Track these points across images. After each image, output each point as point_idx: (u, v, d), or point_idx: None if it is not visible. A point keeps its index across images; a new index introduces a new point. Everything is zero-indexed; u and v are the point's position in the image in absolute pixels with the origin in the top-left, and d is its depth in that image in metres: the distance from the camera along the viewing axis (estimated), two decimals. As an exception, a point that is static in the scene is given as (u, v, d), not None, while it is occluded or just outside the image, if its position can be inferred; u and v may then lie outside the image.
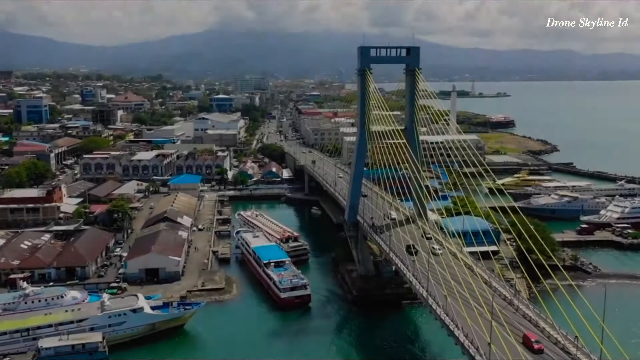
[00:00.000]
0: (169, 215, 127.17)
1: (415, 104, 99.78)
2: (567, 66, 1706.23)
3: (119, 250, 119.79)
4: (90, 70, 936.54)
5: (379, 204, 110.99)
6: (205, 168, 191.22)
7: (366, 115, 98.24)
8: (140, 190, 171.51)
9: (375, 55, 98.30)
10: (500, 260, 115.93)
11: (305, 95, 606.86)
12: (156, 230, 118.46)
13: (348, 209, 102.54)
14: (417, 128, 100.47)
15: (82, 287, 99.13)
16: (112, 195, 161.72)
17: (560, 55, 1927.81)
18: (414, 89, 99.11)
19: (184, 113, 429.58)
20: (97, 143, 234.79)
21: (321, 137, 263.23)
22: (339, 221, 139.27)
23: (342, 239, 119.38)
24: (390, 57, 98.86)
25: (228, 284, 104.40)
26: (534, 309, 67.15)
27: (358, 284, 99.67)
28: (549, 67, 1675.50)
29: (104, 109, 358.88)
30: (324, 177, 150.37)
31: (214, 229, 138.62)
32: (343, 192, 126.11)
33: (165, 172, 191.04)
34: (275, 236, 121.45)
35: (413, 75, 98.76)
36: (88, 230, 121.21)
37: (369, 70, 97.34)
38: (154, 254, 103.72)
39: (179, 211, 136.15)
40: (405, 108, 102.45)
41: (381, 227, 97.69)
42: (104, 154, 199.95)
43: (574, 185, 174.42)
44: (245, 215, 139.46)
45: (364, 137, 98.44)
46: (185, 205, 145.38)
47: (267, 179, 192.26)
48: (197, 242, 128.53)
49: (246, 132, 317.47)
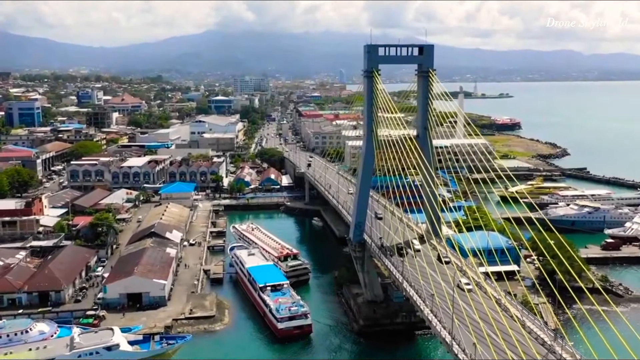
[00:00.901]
0: (156, 230, 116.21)
1: (429, 108, 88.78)
2: (569, 66, 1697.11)
3: (101, 269, 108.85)
4: (90, 72, 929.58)
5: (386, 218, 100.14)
6: (200, 175, 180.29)
7: (374, 122, 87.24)
8: (130, 200, 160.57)
9: (383, 54, 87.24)
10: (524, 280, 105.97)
11: (306, 97, 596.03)
12: (142, 248, 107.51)
13: (353, 227, 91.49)
14: (430, 135, 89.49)
15: (55, 314, 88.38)
16: (99, 205, 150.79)
17: (561, 55, 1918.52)
18: (428, 92, 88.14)
19: (182, 115, 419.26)
20: (88, 148, 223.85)
21: (322, 141, 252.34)
22: (343, 234, 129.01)
23: (346, 255, 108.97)
24: (401, 57, 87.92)
25: (219, 310, 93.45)
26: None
27: (365, 312, 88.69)
28: (550, 67, 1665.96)
29: (98, 112, 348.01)
30: (326, 187, 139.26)
31: (206, 244, 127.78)
32: (348, 205, 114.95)
33: (157, 180, 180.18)
34: (272, 254, 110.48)
35: (426, 77, 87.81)
36: (66, 248, 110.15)
37: (377, 71, 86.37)
38: (137, 277, 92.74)
39: (169, 224, 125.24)
40: (417, 113, 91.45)
41: (392, 247, 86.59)
42: (92, 160, 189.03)
43: (593, 193, 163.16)
44: (240, 229, 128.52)
45: (372, 146, 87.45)
46: (175, 217, 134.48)
47: (265, 186, 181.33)
48: (188, 259, 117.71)
49: (244, 135, 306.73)
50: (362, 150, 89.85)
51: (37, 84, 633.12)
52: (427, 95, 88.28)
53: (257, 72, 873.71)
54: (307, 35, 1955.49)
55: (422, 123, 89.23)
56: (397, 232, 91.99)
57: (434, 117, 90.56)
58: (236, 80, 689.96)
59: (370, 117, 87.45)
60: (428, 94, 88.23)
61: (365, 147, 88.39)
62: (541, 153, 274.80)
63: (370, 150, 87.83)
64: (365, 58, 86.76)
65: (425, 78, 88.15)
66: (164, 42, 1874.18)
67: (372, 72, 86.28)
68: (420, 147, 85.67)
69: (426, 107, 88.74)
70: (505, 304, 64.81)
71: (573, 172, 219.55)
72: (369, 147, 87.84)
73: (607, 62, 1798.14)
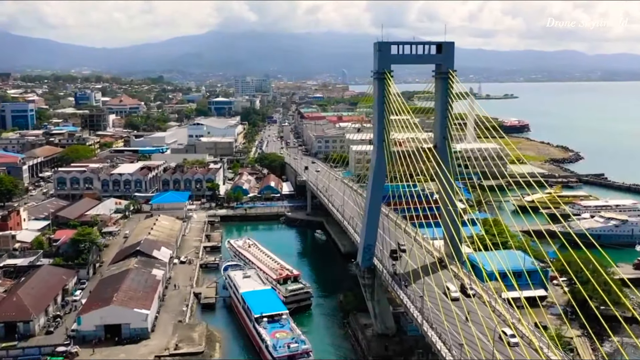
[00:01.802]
0: (142, 249, 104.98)
1: (449, 114, 77.50)
2: (571, 67, 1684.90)
3: (80, 293, 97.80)
4: (92, 72, 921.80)
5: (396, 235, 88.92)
6: (195, 183, 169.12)
7: (385, 130, 75.95)
8: (119, 210, 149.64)
9: (396, 53, 75.95)
10: (550, 308, 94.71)
11: (308, 98, 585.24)
12: (125, 269, 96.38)
13: (362, 251, 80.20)
14: (451, 146, 78.22)
15: (21, 351, 77.36)
16: (85, 216, 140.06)
17: (564, 55, 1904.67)
18: (448, 95, 76.88)
19: (181, 117, 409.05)
20: (80, 152, 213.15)
21: (325, 145, 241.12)
22: (348, 250, 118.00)
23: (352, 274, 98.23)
24: (416, 56, 76.56)
25: (210, 344, 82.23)
26: None
27: (375, 348, 77.43)
28: (553, 67, 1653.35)
29: (94, 114, 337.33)
30: (330, 200, 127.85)
31: (199, 261, 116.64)
32: (355, 221, 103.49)
33: (149, 187, 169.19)
34: (270, 275, 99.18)
35: (446, 79, 76.54)
36: (41, 269, 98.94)
37: (389, 72, 75.10)
38: (116, 306, 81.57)
39: (157, 240, 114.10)
40: (435, 120, 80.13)
41: (406, 275, 75.36)
42: (81, 166, 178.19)
43: (618, 204, 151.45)
44: (235, 245, 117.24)
45: (383, 158, 76.18)
46: (166, 231, 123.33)
47: (264, 194, 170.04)
48: (178, 278, 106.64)
49: (244, 139, 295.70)
50: (372, 162, 78.54)
51: (37, 84, 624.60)
52: (447, 100, 76.99)
53: (259, 73, 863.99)
54: (309, 36, 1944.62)
55: (440, 132, 77.90)
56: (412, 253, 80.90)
57: (454, 124, 79.53)
58: (237, 81, 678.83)
59: (381, 125, 76.17)
60: (448, 99, 76.95)
61: (375, 159, 77.08)
62: (554, 157, 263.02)
63: (381, 163, 76.56)
64: (376, 57, 75.50)
65: (445, 80, 76.90)
66: (166, 43, 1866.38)
67: (384, 74, 75.04)
68: (439, 159, 74.47)
69: (445, 114, 77.44)
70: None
71: (590, 178, 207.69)
72: (379, 159, 76.55)
73: (611, 63, 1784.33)
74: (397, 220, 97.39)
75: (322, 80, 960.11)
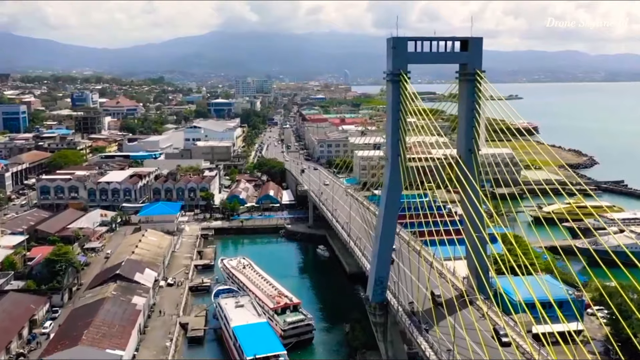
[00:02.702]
0: (122, 272, 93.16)
1: (477, 122, 65.72)
2: (574, 67, 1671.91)
3: (51, 324, 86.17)
4: (93, 73, 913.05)
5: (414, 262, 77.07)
6: (188, 192, 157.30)
7: (401, 142, 64.11)
8: (105, 223, 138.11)
9: (414, 50, 64.10)
10: (586, 345, 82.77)
11: (310, 99, 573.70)
12: (101, 297, 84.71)
13: (372, 283, 68.27)
14: (477, 157, 66.48)
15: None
16: (67, 230, 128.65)
17: (566, 56, 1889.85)
18: (475, 101, 65.01)
19: (180, 119, 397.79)
20: (69, 158, 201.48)
21: (328, 150, 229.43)
22: (353, 270, 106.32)
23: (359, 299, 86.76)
24: (437, 54, 64.80)
25: (195, 390, 70.63)
26: None
27: (388, 399, 65.67)
28: (555, 68, 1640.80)
29: (88, 116, 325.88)
30: (334, 214, 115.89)
31: (188, 283, 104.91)
32: (364, 243, 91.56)
33: (140, 197, 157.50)
34: (266, 304, 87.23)
35: (472, 81, 64.71)
36: (5, 297, 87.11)
37: (406, 73, 63.28)
38: (85, 346, 69.81)
39: (141, 261, 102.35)
40: (458, 128, 68.32)
41: (427, 313, 63.45)
42: (67, 173, 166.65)
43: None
44: (229, 266, 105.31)
45: (397, 176, 64.35)
46: (152, 248, 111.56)
47: (263, 204, 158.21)
48: (164, 304, 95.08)
49: (243, 142, 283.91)
50: (385, 180, 66.64)
51: (36, 85, 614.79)
52: (474, 106, 65.11)
53: (260, 74, 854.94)
54: (310, 36, 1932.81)
55: (466, 143, 66.07)
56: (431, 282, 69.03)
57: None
58: (237, 82, 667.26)
59: (396, 136, 64.34)
60: (475, 104, 65.09)
61: (388, 176, 65.22)
62: (567, 162, 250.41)
63: (395, 182, 64.70)
64: (390, 55, 63.69)
65: (471, 83, 65.01)
66: (167, 43, 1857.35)
67: (399, 75, 63.18)
68: (463, 174, 62.65)
69: (472, 122, 65.59)
70: None
71: (610, 185, 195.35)
72: (393, 176, 64.69)
73: (613, 63, 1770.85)
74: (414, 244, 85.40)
75: (324, 81, 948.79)
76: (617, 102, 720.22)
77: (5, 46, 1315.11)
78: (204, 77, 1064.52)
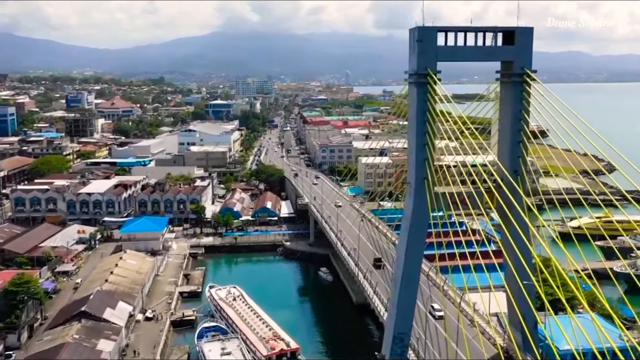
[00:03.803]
0: (90, 309, 78.61)
1: (524, 135, 51.51)
2: (577, 68, 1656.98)
3: (-1, 374, 72.19)
4: (94, 73, 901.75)
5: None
6: (178, 204, 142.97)
7: (429, 164, 49.71)
8: (83, 240, 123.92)
9: (444, 44, 49.64)
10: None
11: (312, 99, 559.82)
12: (60, 343, 70.45)
13: (390, 341, 53.77)
14: (525, 180, 52.24)
15: None
16: (39, 249, 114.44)
17: (568, 57, 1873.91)
18: (523, 109, 50.70)
19: (177, 121, 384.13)
20: (52, 165, 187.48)
21: (330, 155, 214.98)
22: (361, 301, 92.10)
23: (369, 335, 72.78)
24: (475, 49, 50.44)
25: None
26: None
27: None
28: (558, 68, 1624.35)
29: (79, 118, 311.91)
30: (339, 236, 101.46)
31: (169, 316, 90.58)
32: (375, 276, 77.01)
33: (124, 209, 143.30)
34: (259, 350, 72.83)
35: (520, 84, 50.39)
36: (-54, 343, 73.31)
37: (435, 73, 48.79)
38: (28, 416, 55.70)
39: (115, 291, 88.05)
40: (499, 143, 53.96)
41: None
42: (45, 183, 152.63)
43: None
44: (217, 297, 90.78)
45: (424, 206, 49.93)
46: (130, 274, 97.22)
47: (259, 217, 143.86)
48: (139, 343, 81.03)
49: (241, 146, 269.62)
50: (406, 211, 52.13)
51: (34, 86, 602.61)
52: (522, 116, 50.80)
53: (261, 74, 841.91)
54: (312, 37, 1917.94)
55: (510, 162, 51.50)
56: (460, 335, 54.87)
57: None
58: (237, 83, 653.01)
59: (422, 154, 49.90)
60: (523, 114, 50.77)
61: (411, 207, 50.70)
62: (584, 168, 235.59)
63: (421, 213, 50.29)
64: (414, 50, 49.24)
65: (518, 85, 50.68)
66: (168, 44, 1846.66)
67: (426, 76, 48.79)
68: (505, 202, 48.36)
69: (519, 137, 51.25)
70: None
71: (636, 195, 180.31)
72: (419, 206, 50.22)
73: (616, 64, 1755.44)
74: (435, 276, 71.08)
75: (325, 82, 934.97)
76: (622, 103, 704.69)
77: (6, 47, 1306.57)
78: (204, 78, 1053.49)
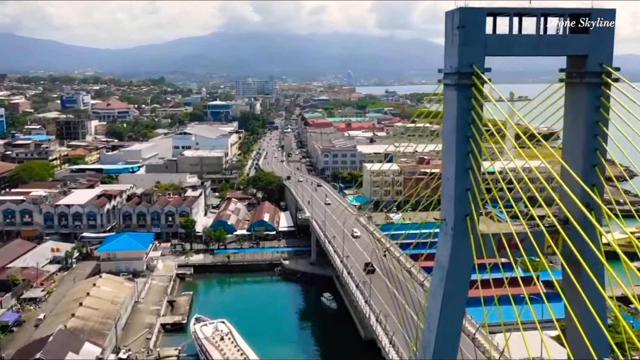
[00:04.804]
0: (46, 355, 65.27)
1: (601, 154, 38.33)
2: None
3: None
4: (95, 73, 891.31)
5: None
6: (166, 217, 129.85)
7: (472, 192, 36.42)
8: (57, 259, 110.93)
9: (492, 32, 36.30)
10: None
11: (313, 100, 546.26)
12: (5, 402, 57.45)
13: None
14: (602, 213, 39.03)
15: None
16: (5, 271, 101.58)
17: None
18: (599, 120, 37.47)
19: (175, 122, 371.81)
20: (34, 171, 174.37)
21: (333, 160, 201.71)
22: (369, 336, 78.94)
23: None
24: (538, 40, 36.98)
25: None
26: None
27: None
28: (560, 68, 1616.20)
29: (70, 120, 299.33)
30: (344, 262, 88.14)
31: (147, 355, 77.51)
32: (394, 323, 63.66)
33: (107, 223, 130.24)
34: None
35: (597, 87, 37.15)
36: None
37: (483, 71, 35.44)
38: None
39: (83, 328, 74.89)
40: (564, 163, 40.52)
41: None
42: (22, 192, 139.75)
43: None
44: (202, 336, 77.22)
45: (466, 248, 36.67)
46: (104, 305, 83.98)
47: (255, 232, 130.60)
48: (111, 393, 67.86)
49: (239, 150, 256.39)
50: (441, 257, 38.68)
51: (32, 86, 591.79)
52: (599, 129, 37.58)
53: (263, 74, 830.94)
54: (313, 37, 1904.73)
55: (581, 195, 37.88)
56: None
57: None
58: (238, 83, 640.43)
59: (464, 182, 36.62)
60: (600, 127, 37.55)
61: (449, 252, 37.34)
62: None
63: (462, 259, 37.05)
64: (455, 40, 35.85)
65: (593, 88, 37.41)
66: (169, 44, 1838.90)
67: (471, 75, 35.49)
68: (576, 246, 35.13)
69: (595, 157, 38.05)
70: None
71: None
72: (459, 251, 36.96)
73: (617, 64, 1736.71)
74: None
75: (326, 82, 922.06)
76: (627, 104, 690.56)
77: (7, 47, 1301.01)
78: (206, 78, 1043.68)
